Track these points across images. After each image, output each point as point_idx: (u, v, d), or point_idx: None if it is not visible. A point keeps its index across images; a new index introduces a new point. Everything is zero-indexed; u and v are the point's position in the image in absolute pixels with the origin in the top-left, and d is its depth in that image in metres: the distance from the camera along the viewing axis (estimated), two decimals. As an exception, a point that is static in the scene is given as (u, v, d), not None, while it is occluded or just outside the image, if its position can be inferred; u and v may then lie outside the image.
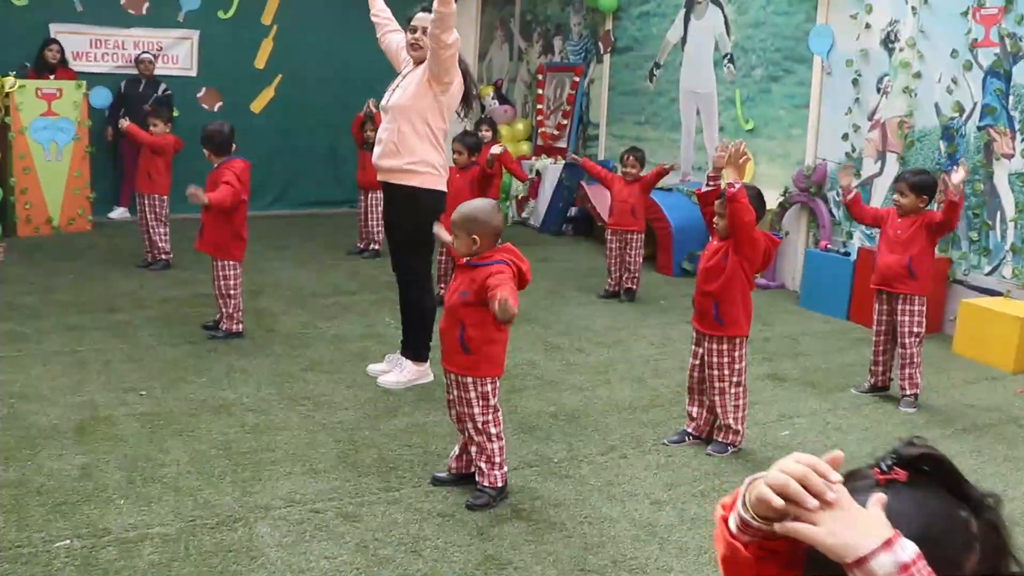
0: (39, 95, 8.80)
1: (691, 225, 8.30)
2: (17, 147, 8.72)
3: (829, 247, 7.44)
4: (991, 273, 6.57)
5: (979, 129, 6.58)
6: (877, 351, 5.33)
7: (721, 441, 4.40)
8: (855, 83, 7.46)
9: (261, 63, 10.85)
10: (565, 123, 10.80)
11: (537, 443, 4.39)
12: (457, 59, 4.83)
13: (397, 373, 5.11)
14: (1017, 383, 5.71)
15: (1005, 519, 1.10)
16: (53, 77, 9.15)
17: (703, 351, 4.40)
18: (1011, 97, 6.38)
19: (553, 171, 10.29)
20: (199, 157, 6.13)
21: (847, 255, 7.20)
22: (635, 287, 7.36)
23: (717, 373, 4.35)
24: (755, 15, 8.41)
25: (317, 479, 3.87)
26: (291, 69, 10.90)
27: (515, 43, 12.06)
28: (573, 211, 10.15)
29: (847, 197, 5.33)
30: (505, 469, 3.77)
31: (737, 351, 4.35)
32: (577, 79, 10.71)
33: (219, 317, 5.87)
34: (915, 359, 5.16)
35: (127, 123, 7.67)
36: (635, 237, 7.29)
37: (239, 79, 10.66)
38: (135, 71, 9.74)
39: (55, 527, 3.35)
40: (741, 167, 4.29)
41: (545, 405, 4.92)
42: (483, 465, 3.71)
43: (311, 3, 10.90)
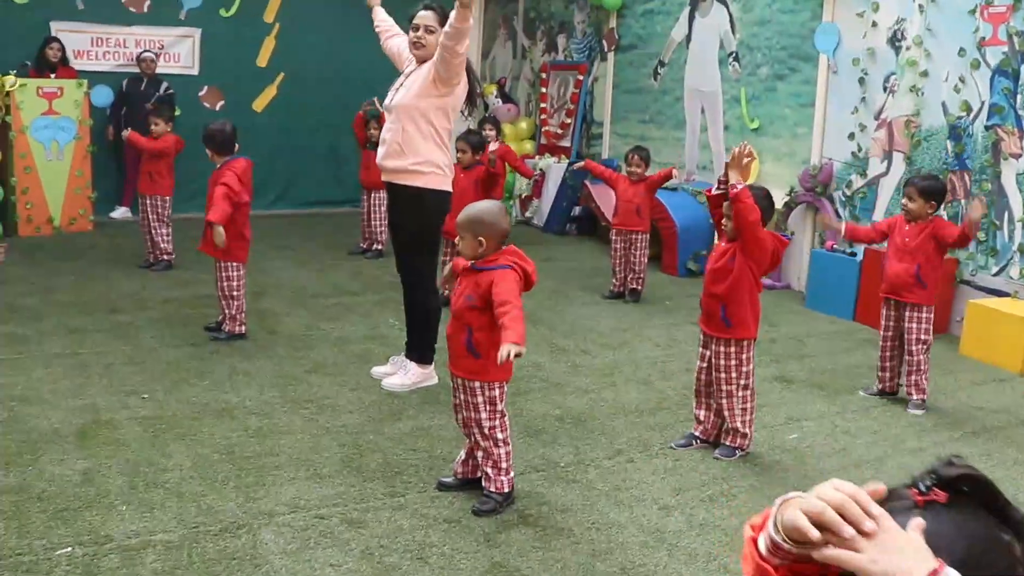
0: (40, 94, 8.76)
1: (696, 225, 8.27)
2: (18, 146, 8.68)
3: (835, 247, 7.39)
4: (998, 274, 6.53)
5: (987, 128, 6.53)
6: (885, 356, 5.28)
7: (729, 445, 4.36)
8: (861, 82, 7.41)
9: (263, 61, 10.80)
10: (569, 122, 10.75)
11: (543, 447, 4.35)
12: (465, 62, 4.78)
13: (402, 375, 5.06)
14: (1026, 385, 5.67)
15: None
16: (54, 76, 9.11)
17: (710, 353, 4.35)
18: (1019, 96, 6.33)
19: (557, 170, 10.24)
20: (201, 156, 6.08)
21: (853, 255, 7.15)
22: (640, 288, 7.32)
23: (724, 376, 4.30)
24: (760, 13, 8.35)
25: (321, 484, 3.83)
26: (293, 67, 10.85)
27: (518, 41, 12.01)
28: (577, 210, 10.10)
29: (840, 236, 5.37)
30: (512, 474, 3.73)
31: (744, 353, 4.30)
32: (581, 77, 10.66)
33: (221, 318, 5.82)
34: (922, 366, 5.11)
35: (128, 132, 7.63)
36: (640, 237, 7.23)
37: (241, 77, 10.61)
38: (137, 70, 9.70)
39: (56, 534, 3.31)
40: (746, 167, 4.26)
41: (551, 408, 4.87)
42: (489, 470, 3.67)
43: (313, 1, 10.85)
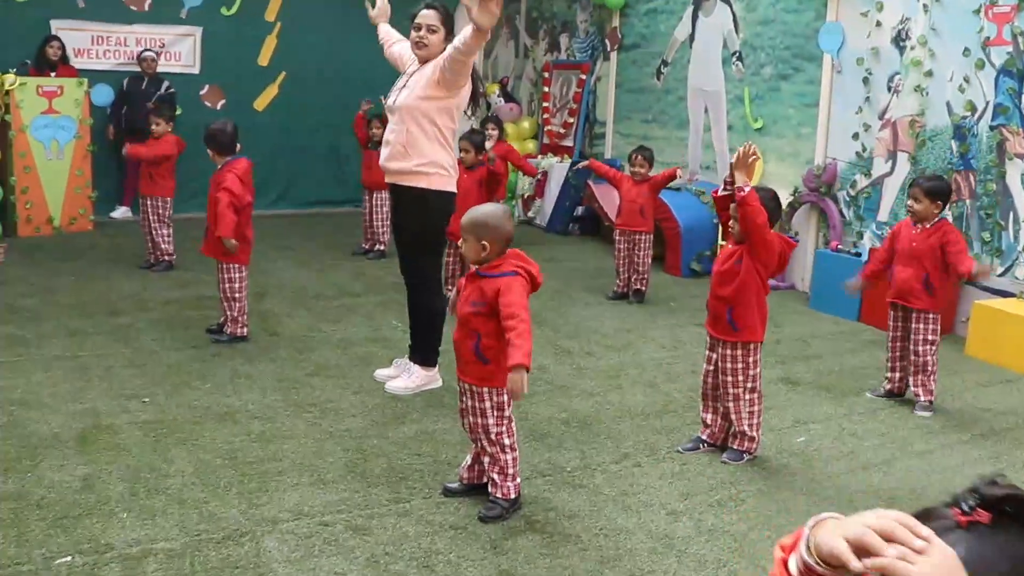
0: (40, 93, 8.72)
1: (700, 225, 8.22)
2: (18, 146, 8.64)
3: (840, 248, 7.35)
4: (1004, 274, 6.48)
5: (991, 128, 6.48)
6: (894, 358, 5.24)
7: (736, 449, 4.31)
8: (866, 81, 7.36)
9: (264, 60, 10.75)
10: (571, 121, 10.70)
11: (549, 451, 4.31)
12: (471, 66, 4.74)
13: (405, 378, 5.01)
14: (1032, 386, 5.63)
15: None
16: (54, 74, 9.07)
17: (717, 356, 4.31)
18: (1025, 96, 6.29)
19: (559, 170, 10.19)
20: (202, 156, 6.03)
21: (858, 256, 7.11)
22: (644, 288, 7.27)
23: (731, 379, 4.26)
24: (764, 12, 8.31)
25: (325, 490, 3.78)
26: (295, 66, 10.79)
27: (521, 40, 11.95)
28: (580, 210, 10.06)
29: (864, 280, 5.37)
30: (518, 480, 3.68)
31: (752, 356, 4.26)
32: (584, 77, 10.61)
33: (223, 320, 5.77)
34: (929, 367, 5.07)
35: (127, 149, 7.57)
36: (644, 238, 7.19)
37: (242, 76, 10.56)
38: (137, 68, 9.65)
39: (56, 542, 3.26)
40: (750, 168, 4.21)
41: (556, 411, 4.83)
42: (496, 476, 3.62)
43: (314, 0, 10.79)
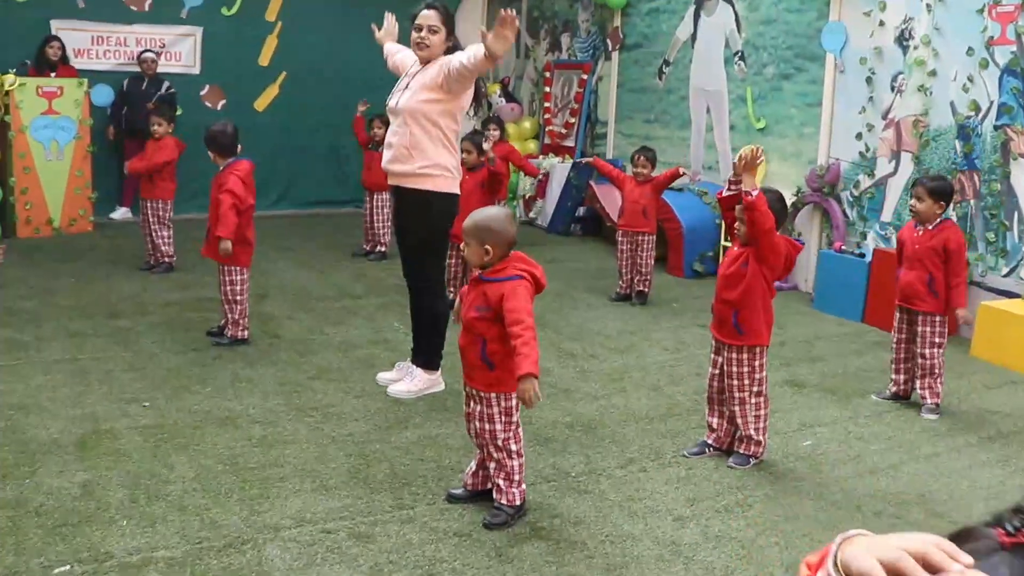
0: (40, 93, 8.68)
1: (702, 225, 8.19)
2: (17, 146, 8.60)
3: (843, 248, 7.31)
4: (1009, 275, 6.44)
5: (996, 128, 6.44)
6: (899, 360, 5.19)
7: (743, 453, 4.27)
8: (869, 81, 7.32)
9: (265, 60, 10.71)
10: (573, 121, 10.66)
11: (554, 456, 4.26)
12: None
13: (408, 382, 4.97)
14: (1039, 388, 5.59)
15: None
16: (54, 75, 9.03)
17: (722, 360, 4.27)
18: (1031, 96, 6.25)
19: (561, 170, 10.14)
20: (202, 156, 5.99)
21: (862, 256, 7.07)
22: (647, 290, 7.23)
23: (737, 383, 4.22)
24: (766, 12, 8.27)
25: (328, 496, 3.74)
26: (295, 66, 10.75)
27: (522, 40, 11.90)
28: (581, 211, 10.01)
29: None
30: (524, 486, 3.64)
31: (757, 360, 4.21)
32: (585, 76, 10.56)
33: (224, 323, 5.73)
34: (935, 370, 5.03)
35: (128, 167, 7.52)
36: (646, 239, 7.14)
37: (243, 77, 10.52)
38: (138, 68, 9.61)
39: (54, 551, 3.21)
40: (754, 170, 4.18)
41: (560, 415, 4.78)
42: (501, 482, 3.58)
43: (315, 0, 10.75)
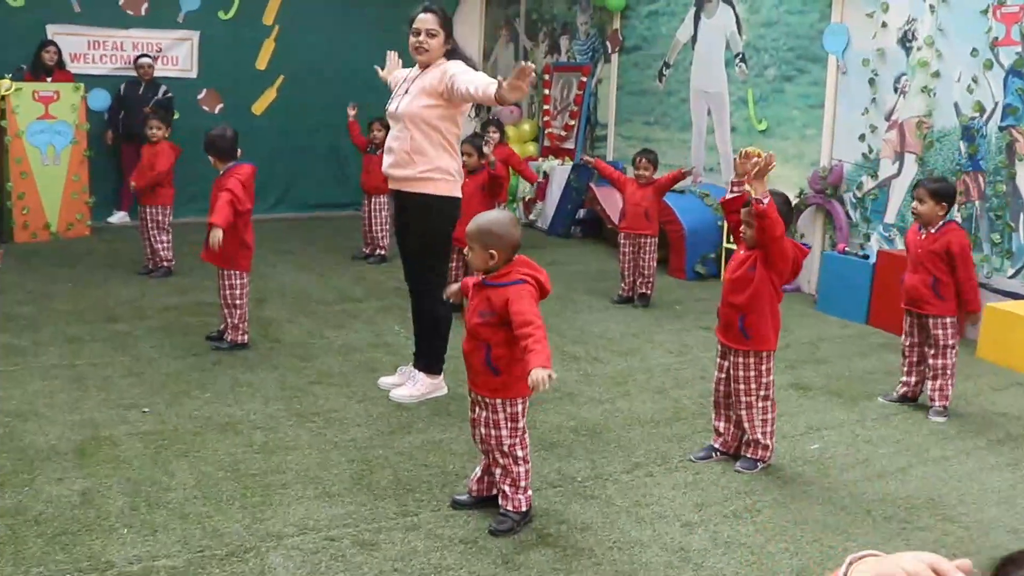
0: (36, 98, 8.63)
1: (704, 227, 8.14)
2: (14, 151, 8.56)
3: (846, 250, 7.26)
4: (1015, 276, 6.40)
5: (1000, 130, 6.40)
6: (910, 362, 5.13)
7: (750, 457, 4.22)
8: (872, 83, 7.28)
9: (262, 64, 10.67)
10: (572, 124, 10.61)
11: (559, 461, 4.21)
12: None
13: (410, 386, 4.92)
14: (1047, 390, 5.54)
15: None
16: (50, 79, 8.99)
17: (728, 364, 4.21)
18: (1035, 96, 6.21)
19: (561, 172, 10.10)
20: (200, 160, 5.94)
21: (866, 258, 7.02)
22: (649, 292, 7.18)
23: (744, 387, 4.17)
24: (767, 14, 8.23)
25: (331, 503, 3.68)
26: (293, 70, 10.72)
27: (520, 43, 11.86)
28: (582, 213, 9.97)
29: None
30: (530, 492, 3.58)
31: (764, 364, 4.16)
32: (584, 79, 10.52)
33: (223, 327, 5.68)
34: (948, 371, 4.98)
35: (135, 186, 7.42)
36: (649, 241, 7.10)
37: (240, 80, 10.49)
38: (134, 73, 9.56)
39: (54, 560, 3.15)
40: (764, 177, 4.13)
41: (565, 419, 4.73)
42: (507, 488, 3.52)
43: (313, 3, 10.71)
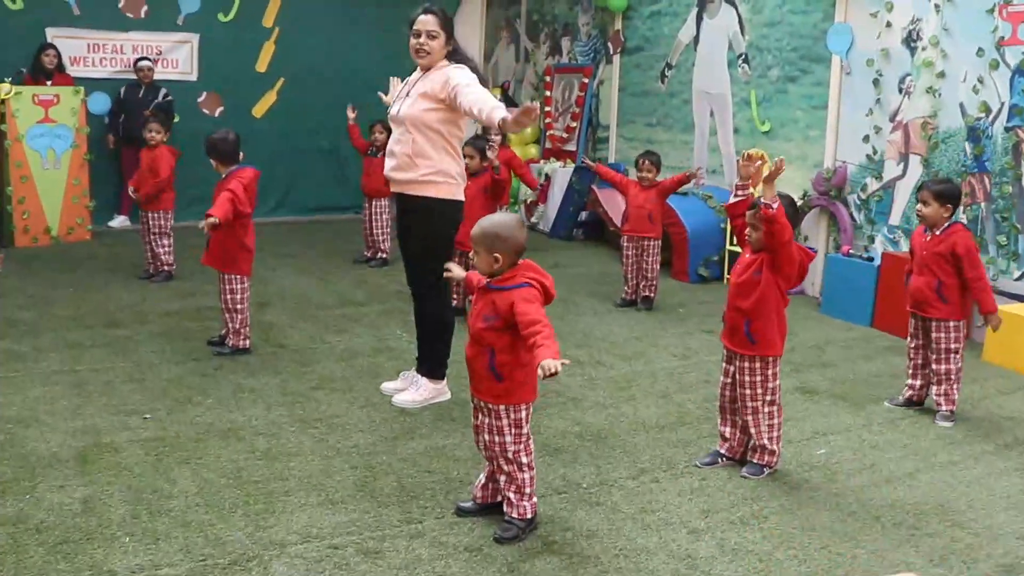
0: (36, 101, 8.61)
1: (707, 230, 8.11)
2: (14, 155, 8.53)
3: (851, 252, 7.22)
4: (1021, 278, 6.36)
5: (1007, 130, 6.36)
6: (915, 366, 5.09)
7: (756, 463, 4.18)
8: (876, 83, 7.24)
9: (263, 66, 10.64)
10: (574, 125, 10.57)
11: (564, 467, 4.17)
12: None
13: (413, 391, 4.88)
14: (1054, 394, 5.50)
15: None
16: (50, 83, 8.96)
17: (734, 369, 4.17)
18: (1042, 97, 6.17)
19: (563, 175, 10.06)
20: (201, 163, 5.91)
21: (870, 260, 6.98)
22: (653, 295, 7.14)
23: (750, 392, 4.13)
24: (770, 14, 8.19)
25: (334, 510, 3.64)
26: (293, 72, 10.70)
27: (521, 44, 11.83)
28: (584, 215, 9.93)
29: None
30: (535, 499, 3.54)
31: (770, 369, 4.12)
32: (586, 80, 10.48)
33: (225, 332, 5.64)
34: (952, 376, 4.94)
35: (141, 195, 7.36)
36: (652, 244, 7.06)
37: (240, 83, 10.46)
38: (134, 76, 9.54)
39: (56, 570, 3.11)
40: (757, 172, 4.10)
41: (569, 424, 4.69)
42: (512, 495, 3.48)
43: (313, 5, 10.69)
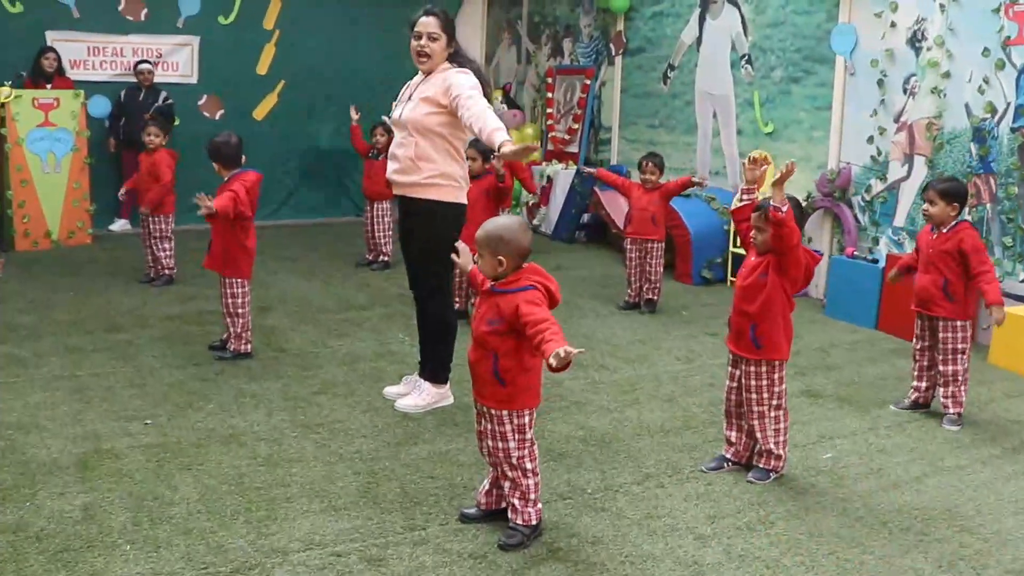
0: (36, 105, 8.58)
1: (710, 232, 8.07)
2: (14, 159, 8.50)
3: (855, 254, 7.17)
4: (1027, 280, 6.33)
5: (1013, 131, 6.32)
6: (921, 367, 5.06)
7: (763, 467, 4.14)
8: (880, 84, 7.21)
9: (263, 69, 10.61)
10: (576, 127, 10.53)
11: (568, 472, 4.13)
12: None
13: (415, 396, 4.84)
14: (1062, 397, 5.46)
15: None
16: (50, 86, 8.94)
17: (740, 374, 4.13)
18: (1048, 97, 6.13)
19: (565, 177, 10.03)
20: (202, 166, 5.88)
21: (875, 262, 6.94)
22: (656, 298, 7.10)
23: (756, 397, 4.09)
24: (774, 15, 8.15)
25: (337, 517, 3.60)
26: (294, 74, 10.67)
27: (523, 46, 11.80)
28: (586, 217, 9.90)
29: (897, 270, 5.23)
30: (540, 505, 3.51)
31: (776, 374, 4.08)
32: (588, 82, 10.45)
33: (226, 337, 5.61)
34: (959, 377, 4.90)
35: (147, 201, 7.27)
36: (655, 246, 7.02)
37: (241, 85, 10.43)
38: (135, 79, 9.51)
39: (56, 579, 3.09)
40: (761, 176, 4.06)
41: (573, 429, 4.65)
42: (517, 502, 3.45)
43: (313, 7, 10.66)
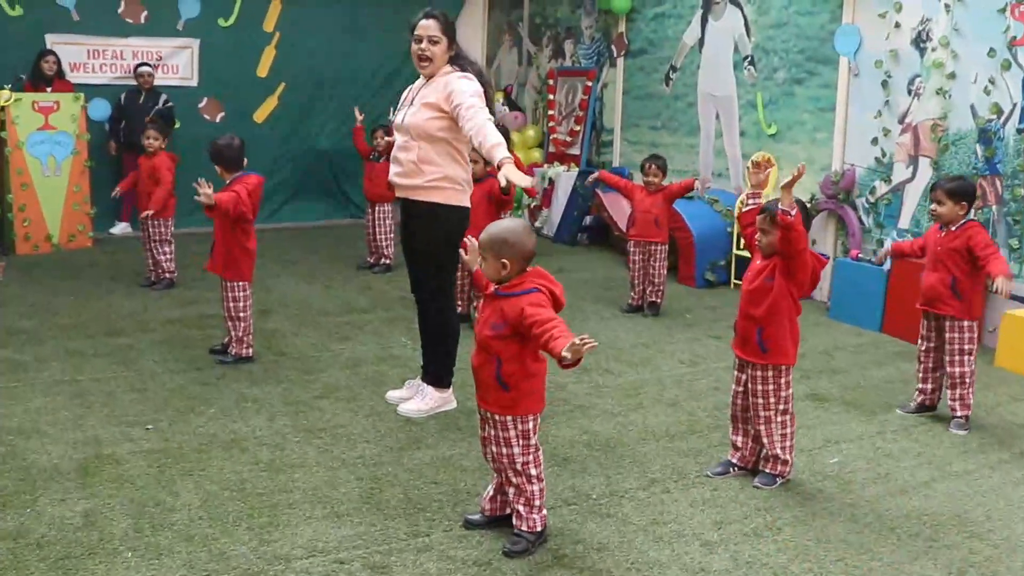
0: (36, 108, 8.56)
1: (714, 234, 8.03)
2: (14, 162, 8.48)
3: (860, 256, 7.14)
4: (1032, 282, 6.29)
5: (1019, 132, 6.28)
6: (926, 369, 5.02)
7: (769, 472, 4.10)
8: (884, 85, 7.17)
9: (264, 71, 10.59)
10: (578, 129, 10.50)
11: (572, 477, 4.10)
12: None
13: (418, 400, 4.80)
14: (1069, 400, 5.42)
15: None
16: (50, 89, 8.91)
17: (746, 378, 4.10)
18: (1054, 98, 6.10)
19: (567, 179, 10.00)
20: (203, 169, 5.84)
21: (880, 264, 6.90)
22: (659, 300, 7.07)
23: (762, 401, 4.05)
24: (777, 15, 8.12)
25: (340, 524, 3.57)
26: (295, 76, 10.64)
27: (524, 47, 11.77)
28: (588, 220, 9.86)
29: (892, 250, 5.27)
30: (544, 511, 3.47)
31: (783, 378, 4.04)
32: (590, 83, 10.41)
33: (227, 340, 5.57)
34: (967, 379, 4.86)
35: (152, 204, 7.18)
36: (659, 248, 6.99)
37: (241, 88, 10.41)
38: (135, 82, 9.48)
39: (56, 587, 3.06)
40: (765, 178, 4.04)
41: (577, 433, 4.61)
42: (521, 508, 3.41)
43: (313, 9, 10.63)
